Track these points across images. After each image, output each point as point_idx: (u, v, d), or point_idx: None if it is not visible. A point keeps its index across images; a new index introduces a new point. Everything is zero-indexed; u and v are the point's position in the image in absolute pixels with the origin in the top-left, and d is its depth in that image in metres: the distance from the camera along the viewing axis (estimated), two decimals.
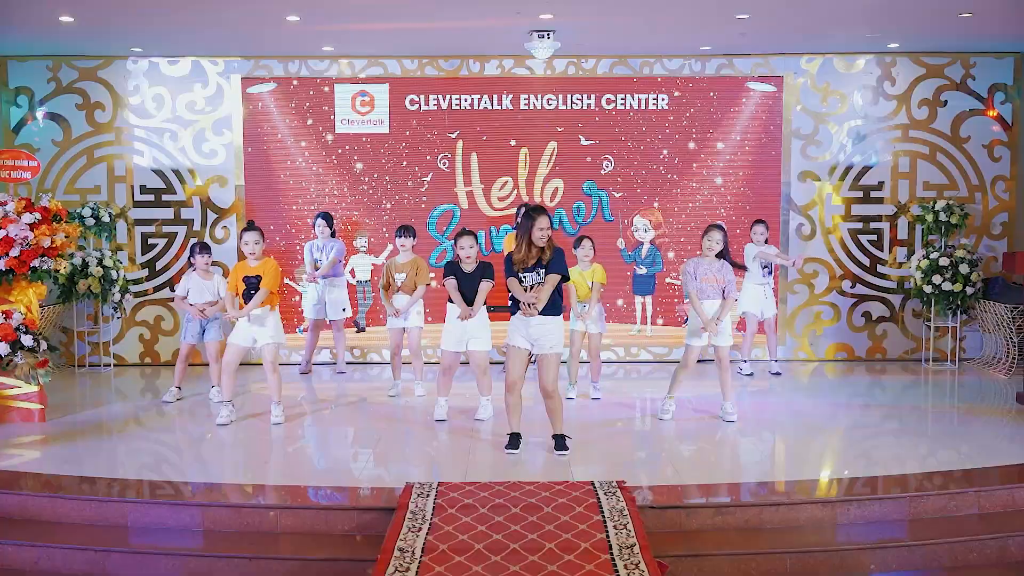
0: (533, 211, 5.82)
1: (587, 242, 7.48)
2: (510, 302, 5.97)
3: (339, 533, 4.92)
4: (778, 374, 8.71)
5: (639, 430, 6.97)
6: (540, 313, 5.79)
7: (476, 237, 6.74)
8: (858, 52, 9.33)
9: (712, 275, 6.72)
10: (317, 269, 8.54)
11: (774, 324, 8.81)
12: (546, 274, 5.81)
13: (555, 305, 5.87)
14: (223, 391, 6.94)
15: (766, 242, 8.61)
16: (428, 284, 7.61)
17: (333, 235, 8.69)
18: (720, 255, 6.76)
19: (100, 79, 9.29)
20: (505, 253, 6.16)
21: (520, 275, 5.84)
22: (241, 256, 6.88)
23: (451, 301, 6.73)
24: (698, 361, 6.92)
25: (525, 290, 5.82)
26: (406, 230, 7.65)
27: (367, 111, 9.39)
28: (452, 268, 6.67)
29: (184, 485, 5.43)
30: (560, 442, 5.96)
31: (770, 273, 8.59)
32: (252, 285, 6.66)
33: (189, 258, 7.63)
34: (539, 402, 6.22)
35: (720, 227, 6.83)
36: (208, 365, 7.69)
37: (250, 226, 6.99)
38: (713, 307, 6.72)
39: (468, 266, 6.64)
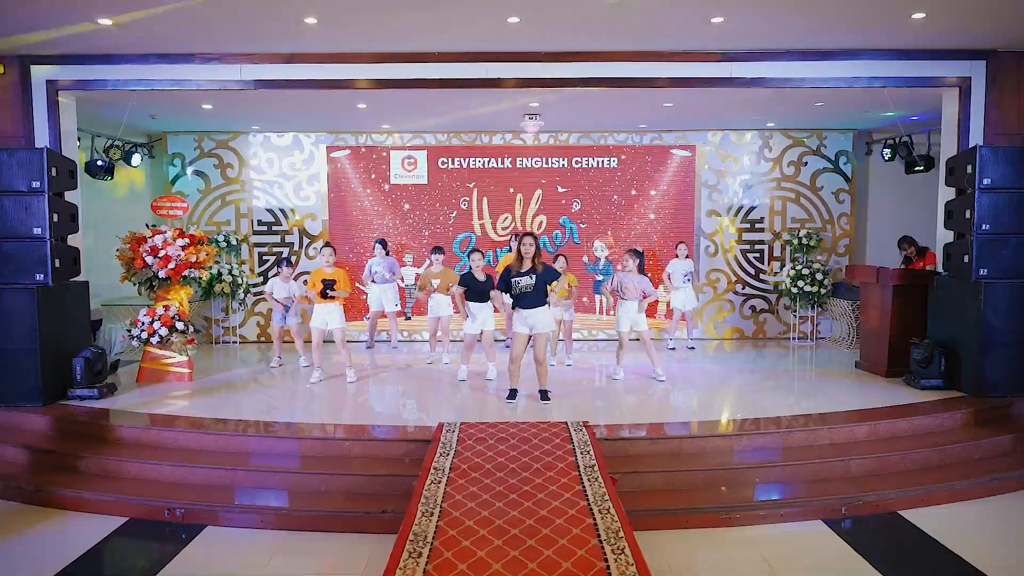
0: (523, 235, 5.94)
1: (561, 258, 7.48)
2: (511, 301, 5.98)
3: (393, 457, 4.92)
4: (693, 348, 8.69)
5: (598, 386, 6.95)
6: (534, 306, 5.83)
7: (484, 254, 6.83)
8: (746, 128, 9.33)
9: (633, 285, 6.71)
10: (373, 278, 8.52)
11: (691, 315, 8.80)
12: (538, 278, 5.83)
13: (542, 299, 5.91)
14: (313, 360, 6.92)
15: (687, 256, 8.60)
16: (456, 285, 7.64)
17: (387, 254, 8.68)
18: (640, 269, 6.76)
19: (230, 147, 9.27)
20: (501, 267, 6.19)
21: (514, 279, 5.85)
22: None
23: (469, 299, 6.79)
24: (633, 339, 6.89)
25: (518, 289, 5.83)
26: (438, 250, 7.67)
27: (412, 169, 9.38)
28: (467, 279, 6.74)
29: (287, 424, 5.43)
30: (544, 395, 5.96)
31: (688, 280, 8.59)
32: (328, 285, 6.66)
33: (276, 267, 7.65)
34: (529, 367, 6.21)
35: (632, 251, 6.82)
36: (294, 342, 7.71)
37: (327, 244, 7.01)
38: (632, 306, 6.71)
39: (479, 275, 6.71)
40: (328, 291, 6.63)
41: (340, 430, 5.29)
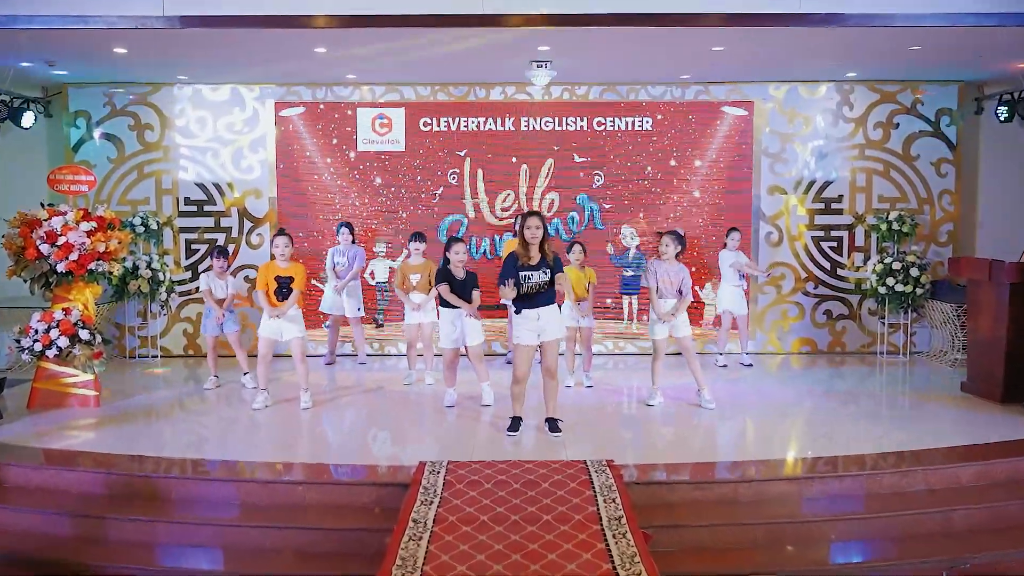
0: (525, 215, 5.96)
1: (578, 247, 7.52)
2: (512, 303, 5.96)
3: (359, 506, 4.92)
4: (749, 365, 8.68)
5: (626, 414, 6.95)
6: (542, 305, 5.85)
7: (467, 244, 6.87)
8: (820, 80, 9.31)
9: (668, 277, 6.71)
10: (336, 272, 8.52)
11: (746, 321, 8.80)
12: (552, 274, 5.84)
13: (552, 298, 5.93)
14: (259, 379, 6.91)
15: (737, 247, 8.60)
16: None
17: (353, 242, 8.67)
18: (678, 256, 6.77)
19: (150, 103, 9.27)
20: (505, 256, 6.19)
21: (524, 273, 5.84)
22: (271, 257, 6.88)
23: (443, 305, 6.82)
24: (672, 353, 6.91)
25: (528, 287, 5.81)
26: (419, 236, 7.70)
27: (385, 132, 9.37)
28: (445, 275, 6.77)
29: (222, 463, 5.43)
30: (554, 425, 5.96)
31: (742, 277, 8.57)
32: (283, 284, 6.68)
33: (209, 259, 7.68)
34: (534, 388, 6.20)
35: (672, 232, 6.82)
36: (236, 355, 7.73)
37: (281, 232, 7.01)
38: (668, 304, 6.71)
39: (459, 272, 6.73)
40: (284, 290, 6.64)
41: (291, 470, 5.28)
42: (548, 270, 5.85)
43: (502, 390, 6.74)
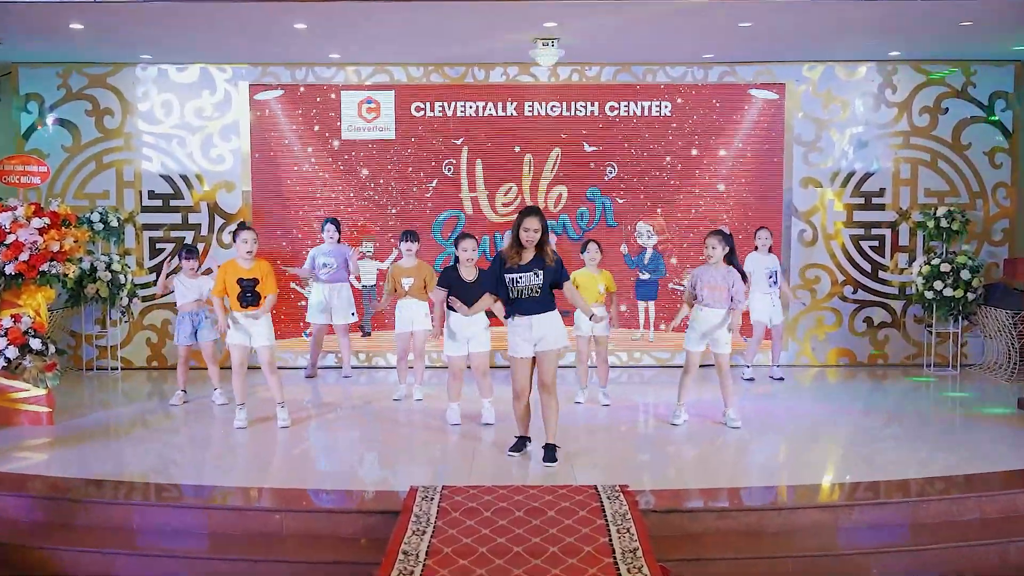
0: (523, 212, 5.80)
1: (593, 245, 7.46)
2: (505, 308, 5.92)
3: (343, 536, 4.90)
4: (781, 379, 8.68)
5: (642, 434, 6.94)
6: (535, 312, 5.77)
7: (479, 242, 6.75)
8: (859, 60, 9.31)
9: (716, 282, 6.65)
10: (318, 275, 8.50)
11: (781, 331, 8.77)
12: (546, 275, 5.74)
13: (550, 303, 5.84)
14: (236, 393, 6.84)
15: (770, 249, 8.58)
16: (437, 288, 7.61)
17: (339, 240, 8.65)
18: (729, 260, 6.72)
19: (109, 86, 9.29)
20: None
21: (511, 276, 5.76)
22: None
23: (451, 309, 6.72)
24: (702, 366, 6.90)
25: (518, 291, 5.75)
26: (410, 235, 7.64)
27: (373, 118, 9.39)
28: (448, 279, 6.66)
29: (190, 487, 5.42)
30: (550, 453, 5.80)
31: (775, 283, 8.55)
32: (248, 287, 6.59)
33: (177, 260, 7.71)
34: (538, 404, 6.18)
35: (718, 232, 6.78)
36: (207, 368, 7.71)
37: (243, 225, 6.97)
38: (715, 315, 6.68)
39: (468, 274, 6.62)
40: (248, 295, 6.58)
41: (267, 496, 5.28)
42: (541, 271, 5.73)
43: (505, 406, 6.72)
